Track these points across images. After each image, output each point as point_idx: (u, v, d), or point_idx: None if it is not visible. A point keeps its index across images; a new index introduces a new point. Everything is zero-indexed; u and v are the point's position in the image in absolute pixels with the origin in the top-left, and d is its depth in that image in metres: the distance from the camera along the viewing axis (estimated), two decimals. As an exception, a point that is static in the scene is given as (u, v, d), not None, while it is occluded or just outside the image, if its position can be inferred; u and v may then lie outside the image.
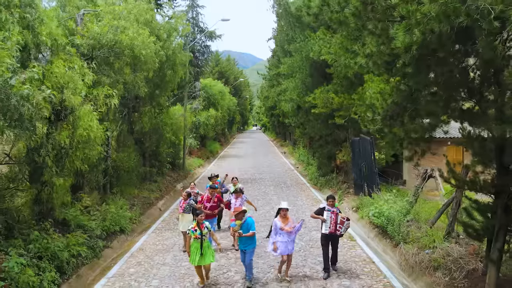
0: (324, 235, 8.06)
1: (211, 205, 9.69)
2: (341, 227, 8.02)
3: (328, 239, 8.07)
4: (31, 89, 5.97)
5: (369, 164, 13.82)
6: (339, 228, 8.01)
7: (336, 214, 8.03)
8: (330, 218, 7.97)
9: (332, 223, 7.97)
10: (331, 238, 8.09)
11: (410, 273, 8.53)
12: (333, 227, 7.97)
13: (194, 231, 7.35)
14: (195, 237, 7.31)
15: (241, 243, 7.55)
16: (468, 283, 7.01)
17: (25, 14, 7.45)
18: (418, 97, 5.35)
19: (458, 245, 8.47)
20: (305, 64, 18.74)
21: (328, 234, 7.98)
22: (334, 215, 7.99)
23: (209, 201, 9.75)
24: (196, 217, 7.62)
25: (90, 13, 11.77)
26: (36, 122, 6.40)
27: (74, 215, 9.64)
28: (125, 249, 10.14)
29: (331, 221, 7.96)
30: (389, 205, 10.89)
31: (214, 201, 9.76)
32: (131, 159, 14.72)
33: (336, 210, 8.09)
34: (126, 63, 11.50)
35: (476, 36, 3.88)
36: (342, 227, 8.03)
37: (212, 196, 9.78)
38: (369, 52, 5.36)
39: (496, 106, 4.28)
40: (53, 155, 8.17)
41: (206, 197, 9.83)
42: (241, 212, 7.60)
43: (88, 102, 9.26)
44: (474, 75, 4.69)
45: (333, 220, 7.98)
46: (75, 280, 8.05)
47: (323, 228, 8.04)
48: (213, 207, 9.71)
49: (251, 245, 7.53)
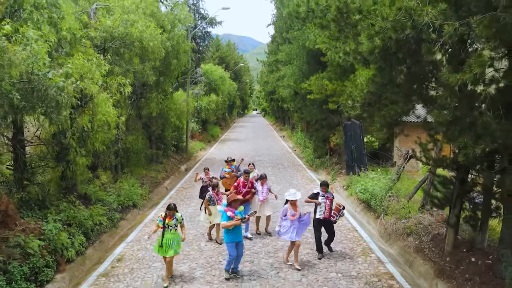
0: (317, 219, 8.15)
1: (246, 191, 9.49)
2: (336, 214, 8.16)
3: (320, 224, 8.20)
4: (65, 81, 7.11)
5: (359, 146, 15.02)
6: (334, 215, 8.15)
7: (331, 200, 8.16)
8: (324, 203, 8.08)
9: (327, 209, 8.09)
10: (324, 223, 8.22)
11: (387, 239, 9.86)
12: (328, 212, 8.08)
13: (162, 220, 7.10)
14: (158, 227, 7.10)
15: (236, 235, 7.23)
16: (432, 244, 8.30)
17: (52, 13, 8.48)
18: (388, 88, 6.49)
19: (430, 215, 9.74)
20: (302, 52, 19.70)
21: (322, 219, 8.09)
22: (329, 201, 8.11)
23: (244, 186, 9.56)
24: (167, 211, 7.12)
25: (101, 7, 12.75)
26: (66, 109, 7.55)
27: (93, 191, 10.91)
28: (138, 221, 11.44)
29: (326, 207, 8.08)
30: (374, 182, 12.16)
31: (249, 186, 9.54)
32: (139, 142, 15.94)
33: (330, 195, 8.20)
34: (135, 54, 12.59)
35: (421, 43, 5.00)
36: (338, 214, 8.19)
37: (246, 181, 9.57)
38: (347, 50, 6.49)
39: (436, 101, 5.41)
40: (76, 137, 9.35)
41: (242, 183, 9.58)
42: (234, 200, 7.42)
43: (104, 91, 10.39)
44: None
45: (328, 205, 8.10)
46: (98, 245, 9.38)
47: (318, 212, 8.12)
48: (247, 192, 9.51)
49: (241, 237, 7.43)
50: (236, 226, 7.16)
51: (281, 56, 24.20)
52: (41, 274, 7.05)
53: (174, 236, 7.11)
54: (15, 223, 7.56)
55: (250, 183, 9.60)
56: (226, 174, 11.16)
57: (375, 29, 4.98)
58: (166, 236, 7.02)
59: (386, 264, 8.01)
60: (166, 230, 7.04)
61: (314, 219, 8.23)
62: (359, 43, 5.62)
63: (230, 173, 11.15)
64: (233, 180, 10.75)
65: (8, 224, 7.48)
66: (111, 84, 10.84)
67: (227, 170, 11.29)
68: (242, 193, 9.38)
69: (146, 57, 13.11)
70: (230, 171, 11.20)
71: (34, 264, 6.97)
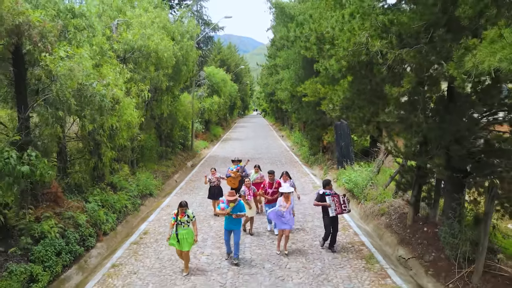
0: (330, 218, 8.49)
1: (273, 191, 9.81)
2: (346, 206, 8.59)
3: (333, 221, 8.57)
4: (106, 89, 9.05)
5: (347, 143, 16.96)
6: (345, 207, 8.55)
7: (338, 196, 8.57)
8: (333, 201, 8.47)
9: (337, 205, 8.48)
10: (334, 219, 8.60)
11: (365, 219, 11.80)
12: (339, 208, 8.48)
13: (175, 217, 7.53)
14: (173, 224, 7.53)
15: (231, 224, 8.05)
16: (399, 221, 10.23)
17: (89, 33, 10.42)
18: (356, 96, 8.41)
19: (402, 199, 11.68)
20: (298, 58, 21.62)
21: (335, 215, 8.48)
22: (336, 198, 8.53)
23: (270, 187, 9.84)
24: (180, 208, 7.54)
25: (122, 22, 14.69)
26: (107, 111, 9.49)
27: (118, 180, 12.85)
28: (155, 206, 13.38)
29: (335, 204, 8.47)
30: (357, 174, 14.11)
31: (275, 186, 9.81)
32: (152, 140, 17.90)
33: (334, 192, 8.62)
34: (151, 63, 14.52)
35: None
36: (347, 204, 8.63)
37: (273, 182, 9.86)
38: (326, 67, 8.38)
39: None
40: (107, 134, 11.29)
41: (268, 183, 9.92)
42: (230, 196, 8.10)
43: (127, 96, 12.32)
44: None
45: (337, 202, 8.50)
46: (125, 223, 11.33)
47: (330, 212, 8.46)
48: (274, 192, 9.80)
49: (239, 226, 8.19)
50: (231, 218, 8.01)
51: (279, 61, 26.13)
52: (87, 241, 9.00)
53: (188, 231, 7.51)
54: (63, 202, 9.52)
55: (276, 183, 9.84)
56: (232, 173, 11.67)
57: (340, 55, 6.93)
58: (180, 231, 7.45)
59: (360, 236, 9.95)
60: (179, 226, 7.47)
61: (326, 217, 8.60)
62: (330, 64, 7.55)
63: (235, 172, 11.61)
64: (237, 180, 11.45)
65: (58, 203, 9.43)
66: (132, 90, 12.79)
67: (233, 169, 11.79)
68: (269, 193, 9.79)
69: (160, 65, 15.04)
70: (236, 170, 11.64)
71: (82, 233, 8.93)
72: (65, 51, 7.99)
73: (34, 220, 8.09)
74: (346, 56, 6.84)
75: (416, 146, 7.14)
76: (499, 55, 3.61)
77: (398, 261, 8.79)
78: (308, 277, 7.50)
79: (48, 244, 7.68)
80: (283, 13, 22.27)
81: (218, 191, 11.46)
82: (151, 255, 8.73)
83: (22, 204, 8.11)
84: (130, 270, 7.97)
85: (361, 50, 6.55)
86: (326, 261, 8.29)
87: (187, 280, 7.43)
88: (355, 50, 6.58)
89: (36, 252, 7.40)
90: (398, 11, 6.69)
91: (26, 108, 8.41)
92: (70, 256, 8.15)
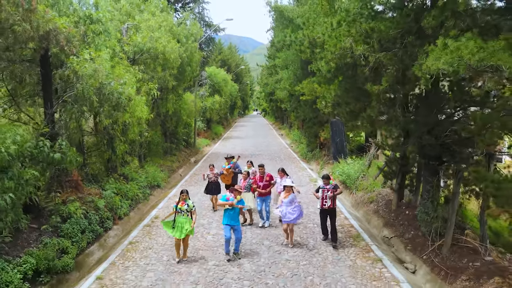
0: (323, 210, 8.79)
1: (264, 184, 10.08)
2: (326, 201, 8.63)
3: (325, 213, 8.85)
4: (123, 88, 10.14)
5: (341, 139, 18.07)
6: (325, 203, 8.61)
7: (333, 191, 8.63)
8: (324, 194, 8.64)
9: (330, 199, 8.63)
10: (328, 213, 8.84)
11: (356, 207, 12.91)
12: (331, 202, 8.65)
13: (175, 205, 8.00)
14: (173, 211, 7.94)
15: (231, 219, 8.08)
16: (385, 207, 11.32)
17: (105, 38, 11.51)
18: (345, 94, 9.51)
19: (389, 188, 12.77)
20: (296, 59, 22.72)
21: (327, 208, 8.69)
22: (331, 192, 8.60)
23: (261, 180, 10.13)
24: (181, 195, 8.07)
25: (131, 26, 15.78)
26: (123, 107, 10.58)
27: (129, 172, 13.95)
28: (163, 196, 14.48)
29: (329, 198, 8.61)
30: (350, 167, 15.21)
31: (266, 179, 10.12)
32: (158, 136, 18.98)
33: (331, 187, 8.68)
34: (159, 64, 15.61)
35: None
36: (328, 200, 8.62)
37: (263, 175, 10.17)
38: (319, 68, 9.46)
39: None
40: (120, 129, 12.38)
41: (259, 177, 10.22)
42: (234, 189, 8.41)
43: (138, 94, 13.40)
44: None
45: (330, 196, 8.62)
46: (137, 210, 12.43)
47: (317, 204, 8.87)
48: (266, 185, 10.08)
49: (238, 222, 8.27)
50: (232, 214, 8.07)
51: (278, 61, 27.23)
52: (105, 223, 10.11)
53: (186, 220, 7.81)
54: (83, 189, 10.61)
55: (267, 176, 10.15)
56: (224, 170, 11.86)
57: (329, 58, 8.01)
58: (178, 219, 7.78)
59: (350, 220, 11.04)
60: (178, 215, 7.81)
61: (320, 210, 8.96)
62: (321, 66, 8.63)
63: (228, 170, 11.76)
64: (230, 177, 11.69)
65: (79, 190, 10.52)
66: (142, 88, 13.88)
67: (227, 166, 11.94)
68: (260, 186, 10.05)
69: (166, 66, 16.13)
70: (229, 167, 11.79)
71: (101, 216, 10.03)
72: (89, 54, 9.07)
73: (61, 202, 9.18)
74: (334, 58, 7.93)
75: (398, 138, 8.23)
76: (442, 59, 4.67)
77: (382, 240, 9.88)
78: (301, 251, 8.60)
79: (74, 223, 8.79)
80: (282, 16, 23.36)
81: (216, 186, 11.74)
82: (163, 235, 9.83)
83: (51, 189, 9.21)
84: (145, 246, 9.07)
85: (346, 54, 7.64)
86: (318, 239, 9.39)
87: (197, 254, 8.52)
88: (341, 54, 7.68)
89: (64, 229, 8.50)
90: (379, 20, 7.77)
91: (52, 104, 9.51)
92: (92, 234, 9.25)
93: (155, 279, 7.32)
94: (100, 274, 7.54)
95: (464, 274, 6.93)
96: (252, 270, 7.67)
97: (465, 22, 5.96)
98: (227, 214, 8.14)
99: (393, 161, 11.00)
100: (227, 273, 7.58)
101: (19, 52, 8.41)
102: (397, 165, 10.64)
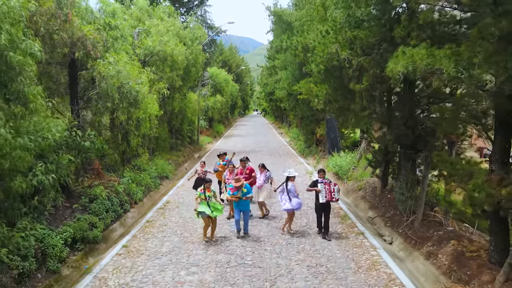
0: (320, 204, 8.99)
1: (244, 177, 10.55)
2: (335, 194, 8.93)
3: (322, 207, 9.06)
4: (140, 86, 11.55)
5: (335, 135, 19.49)
6: (334, 196, 8.91)
7: (329, 184, 8.96)
8: (324, 188, 8.91)
9: (328, 192, 8.90)
10: (325, 206, 9.07)
11: (346, 194, 14.32)
12: (329, 195, 8.88)
13: (202, 193, 8.83)
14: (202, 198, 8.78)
15: (241, 206, 9.13)
16: (371, 193, 12.73)
17: (122, 42, 12.92)
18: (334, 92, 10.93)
19: (375, 177, 14.17)
20: (294, 60, 24.12)
21: (325, 202, 8.91)
22: (328, 186, 8.94)
23: (241, 173, 10.77)
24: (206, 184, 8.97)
25: (142, 30, 17.20)
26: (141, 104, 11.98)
27: (141, 163, 15.36)
28: (171, 186, 15.89)
29: (326, 191, 8.89)
30: (342, 159, 16.63)
31: (246, 173, 10.84)
32: (165, 132, 20.39)
33: (328, 181, 9.07)
34: (167, 65, 17.03)
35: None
36: (336, 193, 8.94)
37: (244, 169, 10.89)
38: (311, 69, 10.85)
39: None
40: (134, 124, 13.78)
41: (239, 171, 10.87)
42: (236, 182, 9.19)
43: (149, 93, 14.81)
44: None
45: (327, 189, 8.91)
46: (149, 197, 13.84)
47: (320, 197, 8.93)
48: (247, 178, 10.62)
49: (248, 207, 9.27)
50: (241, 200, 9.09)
51: (277, 62, 28.63)
52: (124, 205, 11.51)
53: (214, 203, 8.88)
54: (104, 177, 12.02)
55: (247, 170, 10.91)
56: (219, 167, 12.22)
57: (318, 61, 9.41)
58: (211, 204, 8.82)
59: (340, 204, 12.42)
60: (209, 200, 8.82)
61: (317, 203, 9.17)
62: (313, 67, 10.04)
63: (223, 166, 12.05)
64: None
65: (100, 177, 11.93)
66: (153, 88, 15.29)
67: (221, 163, 12.30)
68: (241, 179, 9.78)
69: (174, 67, 17.54)
70: (225, 164, 12.03)
71: (121, 199, 11.43)
72: (112, 57, 10.49)
73: (87, 186, 10.60)
74: (323, 61, 9.32)
75: (383, 131, 9.63)
76: (400, 63, 6.05)
77: (367, 220, 11.29)
78: (295, 226, 10.01)
79: (100, 203, 10.19)
80: (281, 20, 24.77)
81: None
82: (175, 215, 11.24)
83: (79, 174, 10.62)
84: (161, 223, 10.48)
85: (333, 58, 9.05)
86: (310, 218, 10.79)
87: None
88: (329, 58, 9.08)
89: (92, 208, 9.91)
90: (361, 29, 9.18)
91: (78, 101, 10.93)
92: (114, 214, 10.66)
93: (172, 247, 8.74)
94: (125, 243, 8.96)
95: (429, 241, 8.33)
96: (253, 240, 9.08)
97: (426, 32, 7.35)
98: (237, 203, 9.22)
99: (378, 152, 12.40)
100: (232, 241, 9.00)
101: (55, 56, 9.80)
102: (381, 155, 12.04)
